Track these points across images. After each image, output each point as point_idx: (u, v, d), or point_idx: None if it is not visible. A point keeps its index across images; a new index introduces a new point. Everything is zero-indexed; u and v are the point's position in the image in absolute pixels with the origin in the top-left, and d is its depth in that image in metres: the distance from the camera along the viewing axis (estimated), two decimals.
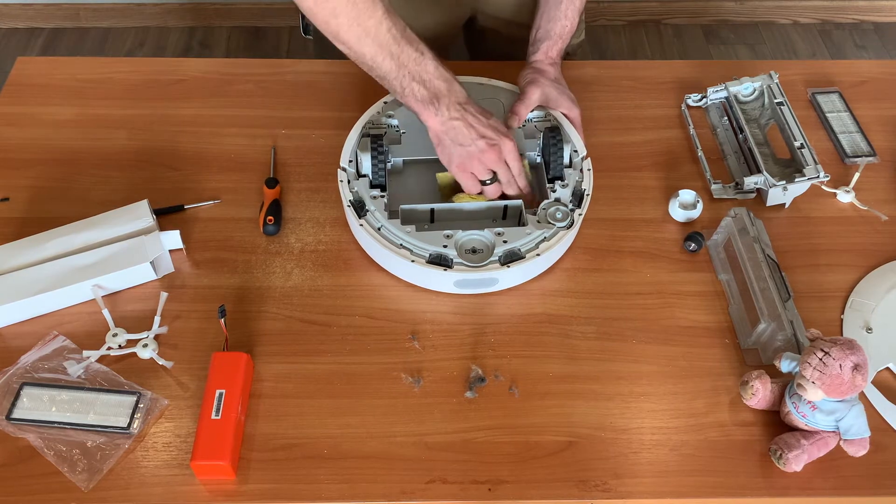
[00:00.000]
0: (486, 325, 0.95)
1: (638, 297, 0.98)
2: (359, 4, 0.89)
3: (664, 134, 1.17)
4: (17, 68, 1.21)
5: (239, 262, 1.00)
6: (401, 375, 0.90)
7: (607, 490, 0.83)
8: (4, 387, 0.86)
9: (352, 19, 0.89)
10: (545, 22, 1.10)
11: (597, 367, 0.92)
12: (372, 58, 0.92)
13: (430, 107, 0.94)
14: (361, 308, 0.96)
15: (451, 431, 0.86)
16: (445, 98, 0.94)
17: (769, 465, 0.85)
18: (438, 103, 0.94)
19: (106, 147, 1.11)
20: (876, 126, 1.18)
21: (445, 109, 0.94)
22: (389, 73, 0.93)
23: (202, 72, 1.22)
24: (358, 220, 0.97)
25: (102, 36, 2.53)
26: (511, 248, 0.96)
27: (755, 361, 0.93)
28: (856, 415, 0.82)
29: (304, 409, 0.87)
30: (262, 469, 0.83)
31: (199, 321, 0.94)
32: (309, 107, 1.17)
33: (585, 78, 1.22)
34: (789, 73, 1.24)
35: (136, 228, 0.98)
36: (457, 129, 0.94)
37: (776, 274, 0.96)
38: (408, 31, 0.92)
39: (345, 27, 0.90)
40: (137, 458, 0.83)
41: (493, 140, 0.95)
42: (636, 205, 1.08)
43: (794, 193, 1.07)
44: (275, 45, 2.54)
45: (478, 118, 0.95)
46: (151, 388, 0.88)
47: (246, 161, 1.10)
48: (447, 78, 0.94)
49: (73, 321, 0.94)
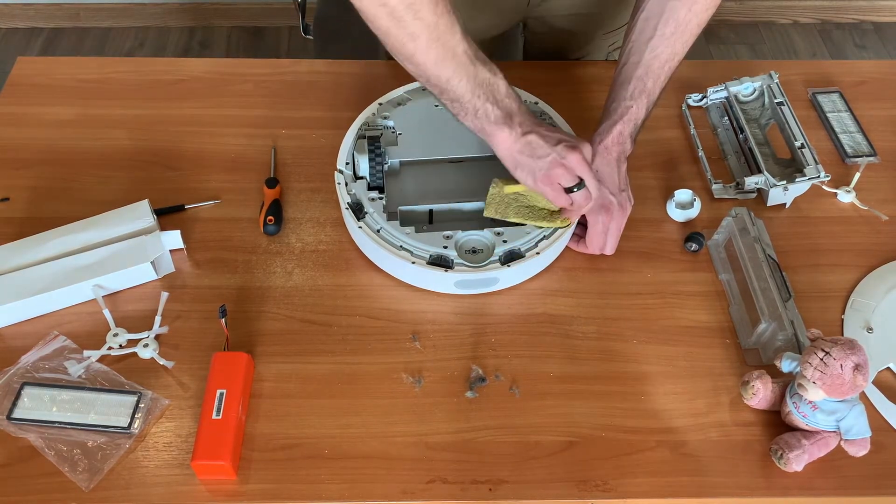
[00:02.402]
0: (486, 325, 0.95)
1: (638, 297, 0.98)
2: (441, 26, 0.86)
3: (664, 134, 1.17)
4: (17, 68, 1.21)
5: (239, 262, 1.00)
6: (401, 375, 0.90)
7: (607, 490, 0.83)
8: (5, 387, 0.86)
9: (433, 40, 0.87)
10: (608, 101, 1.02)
11: (597, 366, 0.92)
12: (448, 80, 0.89)
13: (504, 126, 0.91)
14: (362, 308, 0.96)
15: (451, 431, 0.86)
16: (518, 116, 0.91)
17: (770, 465, 0.85)
18: (511, 122, 0.91)
19: (106, 147, 1.11)
20: (876, 126, 1.18)
21: (518, 126, 0.91)
22: (464, 94, 0.90)
23: (202, 72, 1.22)
24: (357, 223, 0.97)
25: (102, 36, 2.53)
26: (511, 247, 0.96)
27: (756, 361, 0.93)
28: (856, 415, 0.82)
29: (304, 409, 0.87)
30: (262, 469, 0.83)
31: (199, 321, 0.94)
32: (309, 107, 1.17)
33: (586, 78, 1.22)
34: (789, 73, 1.24)
35: (136, 228, 0.98)
36: (532, 143, 0.91)
37: (777, 274, 0.96)
38: (480, 52, 0.90)
39: (423, 49, 0.87)
40: (138, 458, 0.83)
41: (571, 143, 0.91)
42: (636, 205, 1.07)
43: (794, 193, 1.07)
44: (275, 45, 2.54)
45: (549, 129, 0.92)
46: (152, 387, 0.88)
47: (246, 161, 1.10)
48: (516, 97, 0.92)
49: (73, 321, 0.94)
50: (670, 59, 0.98)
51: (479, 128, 0.92)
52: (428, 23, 0.85)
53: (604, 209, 0.97)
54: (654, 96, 1.00)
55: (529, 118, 0.93)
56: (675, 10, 0.96)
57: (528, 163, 0.92)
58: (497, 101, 0.90)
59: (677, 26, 0.96)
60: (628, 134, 0.99)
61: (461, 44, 0.88)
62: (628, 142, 0.99)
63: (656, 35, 0.97)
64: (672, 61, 0.98)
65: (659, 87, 0.99)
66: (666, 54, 0.97)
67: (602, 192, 0.96)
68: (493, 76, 0.90)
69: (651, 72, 0.98)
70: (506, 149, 0.92)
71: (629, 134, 0.99)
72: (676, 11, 0.96)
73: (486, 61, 0.90)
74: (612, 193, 0.98)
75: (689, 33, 0.97)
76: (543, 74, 1.23)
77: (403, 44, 0.87)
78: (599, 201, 0.96)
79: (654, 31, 0.97)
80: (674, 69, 1.00)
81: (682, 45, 0.98)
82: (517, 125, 0.91)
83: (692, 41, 0.99)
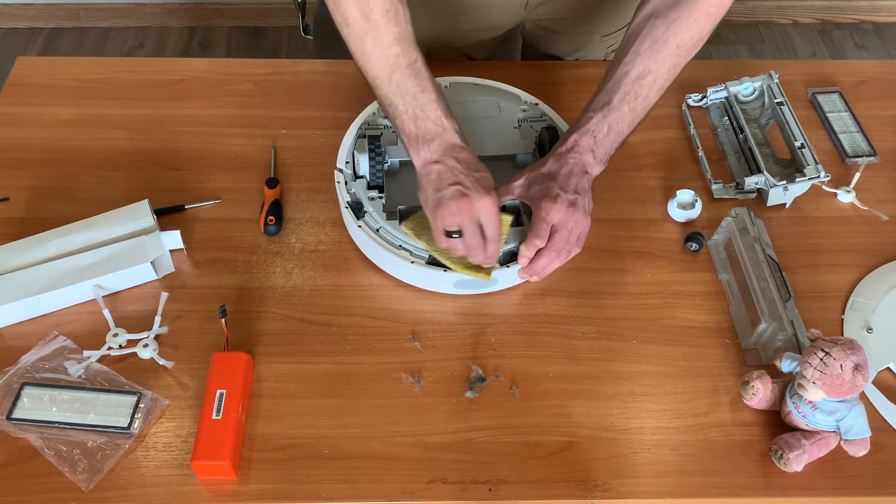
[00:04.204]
0: (486, 325, 0.95)
1: (638, 297, 0.98)
2: (371, 21, 0.87)
3: (664, 134, 1.17)
4: (17, 68, 1.21)
5: (239, 262, 1.00)
6: (401, 375, 0.90)
7: (607, 490, 0.83)
8: (5, 387, 0.86)
9: (363, 33, 0.88)
10: (584, 111, 0.98)
11: (597, 367, 0.92)
12: (374, 77, 0.90)
13: (415, 144, 0.90)
14: (362, 308, 0.96)
15: (451, 431, 0.86)
16: (433, 143, 0.89)
17: (770, 465, 0.85)
18: (420, 145, 0.90)
19: (106, 147, 1.11)
20: (876, 126, 1.18)
21: (427, 152, 0.90)
22: (384, 97, 0.91)
23: (202, 72, 1.22)
24: (356, 222, 0.97)
25: (102, 36, 2.53)
26: (510, 248, 0.96)
27: (756, 361, 0.93)
28: (856, 415, 0.82)
29: (304, 409, 0.87)
30: (262, 469, 0.83)
31: (199, 321, 0.94)
32: (309, 107, 1.17)
33: (586, 78, 1.22)
34: (789, 73, 1.24)
35: (136, 228, 0.98)
36: (434, 173, 0.89)
37: (777, 274, 0.96)
38: (418, 65, 0.89)
39: (353, 38, 0.89)
40: (138, 458, 0.83)
41: (465, 189, 0.88)
42: (636, 205, 1.08)
43: (794, 193, 1.07)
44: (275, 45, 2.54)
45: (461, 166, 0.89)
46: (152, 388, 0.88)
47: (246, 161, 1.10)
48: (442, 124, 0.90)
49: (73, 321, 0.94)
50: (643, 76, 0.94)
51: (400, 137, 0.93)
52: (363, 13, 0.86)
53: (548, 198, 0.91)
54: (623, 113, 0.95)
55: (449, 148, 0.90)
56: (653, 27, 0.94)
57: (424, 188, 0.91)
58: (416, 119, 0.89)
59: (653, 43, 0.94)
60: (586, 146, 0.94)
61: (395, 46, 0.88)
62: (587, 155, 0.94)
63: (630, 51, 0.95)
64: (645, 78, 0.94)
65: (629, 103, 0.95)
66: (637, 70, 0.94)
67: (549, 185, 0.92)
68: (422, 92, 0.89)
69: (619, 87, 0.95)
70: (416, 166, 0.92)
71: (587, 147, 0.94)
72: (655, 29, 0.94)
73: (422, 76, 0.89)
74: (562, 188, 0.92)
75: (667, 52, 0.94)
76: (543, 74, 1.23)
77: (341, 27, 0.89)
78: (544, 192, 0.92)
79: (630, 47, 0.95)
80: (654, 87, 0.95)
81: (658, 62, 0.94)
82: (427, 150, 0.90)
83: (674, 60, 0.95)
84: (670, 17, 0.93)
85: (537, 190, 0.93)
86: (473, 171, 0.90)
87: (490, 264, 0.93)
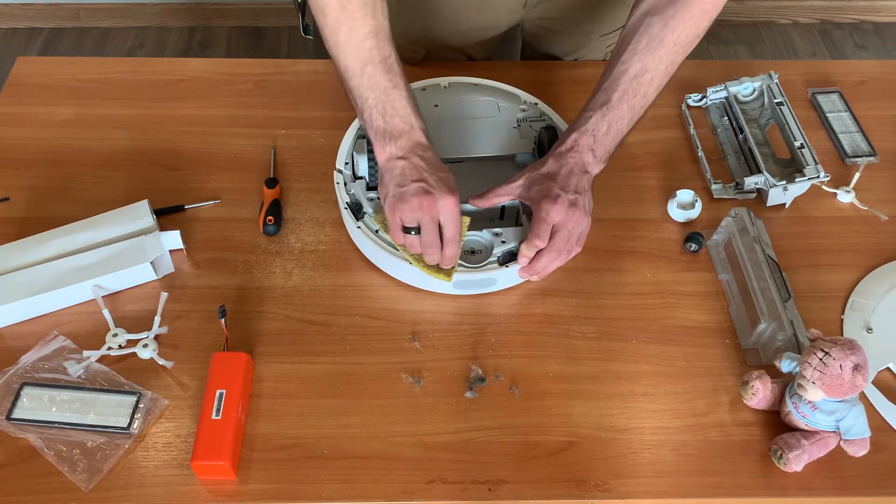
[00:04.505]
0: (486, 325, 0.95)
1: (638, 297, 0.98)
2: (348, 11, 0.87)
3: (664, 134, 1.17)
4: (17, 68, 1.21)
5: (239, 262, 1.00)
6: (401, 375, 0.90)
7: (607, 490, 0.83)
8: (4, 387, 0.86)
9: (338, 23, 0.88)
10: (584, 109, 0.97)
11: (597, 367, 0.92)
12: (345, 69, 0.90)
13: (381, 139, 0.91)
14: (362, 308, 0.96)
15: (451, 431, 0.86)
16: (400, 139, 0.90)
17: (769, 466, 0.85)
18: (387, 140, 0.90)
19: (106, 147, 1.11)
20: (876, 126, 1.18)
21: (393, 147, 0.90)
22: (355, 90, 0.91)
23: (202, 72, 1.22)
24: (355, 223, 0.97)
25: (102, 36, 2.53)
26: (509, 248, 0.96)
27: (755, 361, 0.93)
28: (856, 415, 0.82)
29: (304, 409, 0.87)
30: (262, 469, 0.83)
31: (199, 321, 0.94)
32: (309, 107, 1.17)
33: (586, 78, 1.22)
34: (789, 73, 1.24)
35: (136, 228, 0.98)
36: (397, 169, 0.90)
37: (776, 274, 0.96)
38: (391, 61, 0.90)
39: (328, 27, 0.89)
40: (138, 458, 0.83)
41: (429, 187, 0.88)
42: (636, 205, 1.07)
43: (794, 193, 1.07)
44: (275, 45, 2.54)
45: (426, 165, 0.89)
46: (151, 388, 0.88)
47: (246, 161, 1.10)
48: (411, 122, 0.90)
49: (73, 321, 0.94)
50: (641, 74, 0.94)
51: (366, 131, 0.93)
52: (340, 2, 0.86)
53: (549, 198, 0.91)
54: (622, 111, 0.94)
55: (415, 146, 0.90)
56: (650, 25, 0.94)
57: (386, 183, 0.91)
58: (384, 114, 0.90)
59: (650, 41, 0.94)
60: (586, 145, 0.93)
61: (371, 40, 0.88)
62: (587, 154, 0.93)
63: (627, 49, 0.95)
64: (643, 76, 0.94)
65: (627, 101, 0.94)
66: (635, 69, 0.94)
67: (549, 185, 0.92)
68: (393, 88, 0.90)
69: (618, 85, 0.94)
70: (379, 162, 0.93)
71: (587, 146, 0.93)
72: (651, 27, 0.94)
73: (393, 71, 0.90)
74: (563, 189, 0.92)
75: (665, 49, 0.93)
76: (542, 74, 1.23)
77: (317, 16, 0.89)
78: (544, 192, 0.92)
79: (627, 45, 0.95)
80: (652, 85, 0.95)
81: (656, 60, 0.94)
82: (392, 146, 0.90)
83: (671, 58, 0.94)
84: (666, 15, 0.93)
85: (537, 190, 0.93)
86: (438, 170, 0.90)
87: (449, 266, 0.93)
